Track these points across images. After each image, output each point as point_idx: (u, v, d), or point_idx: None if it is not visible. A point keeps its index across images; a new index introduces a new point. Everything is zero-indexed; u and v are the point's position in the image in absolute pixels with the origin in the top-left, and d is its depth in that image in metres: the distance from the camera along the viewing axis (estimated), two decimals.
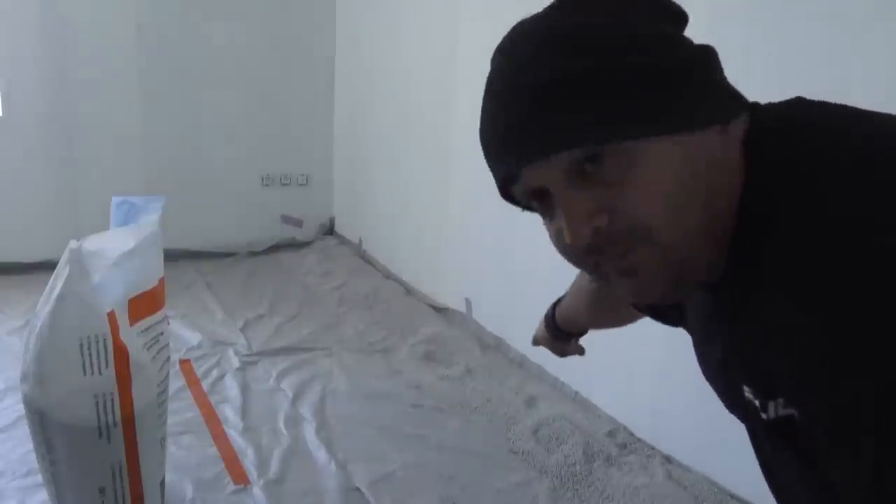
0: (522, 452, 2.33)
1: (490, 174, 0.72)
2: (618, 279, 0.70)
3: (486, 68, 0.70)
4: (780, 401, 0.64)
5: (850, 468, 0.56)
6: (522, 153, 0.66)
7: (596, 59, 0.64)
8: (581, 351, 1.28)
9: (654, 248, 0.66)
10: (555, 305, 1.23)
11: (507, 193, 0.72)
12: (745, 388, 0.69)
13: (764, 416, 0.66)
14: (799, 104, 0.69)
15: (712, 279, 0.70)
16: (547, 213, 0.70)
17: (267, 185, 4.46)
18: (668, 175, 0.64)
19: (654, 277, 0.68)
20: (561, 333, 1.24)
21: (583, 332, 1.25)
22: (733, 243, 0.67)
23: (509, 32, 0.69)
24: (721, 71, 0.69)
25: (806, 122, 0.66)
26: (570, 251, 0.69)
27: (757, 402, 0.67)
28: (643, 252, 0.66)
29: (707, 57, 0.68)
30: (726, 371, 0.74)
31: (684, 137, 0.64)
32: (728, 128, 0.67)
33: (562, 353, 1.29)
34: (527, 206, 0.72)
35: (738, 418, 0.79)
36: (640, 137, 0.63)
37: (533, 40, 0.67)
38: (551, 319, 1.24)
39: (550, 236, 0.71)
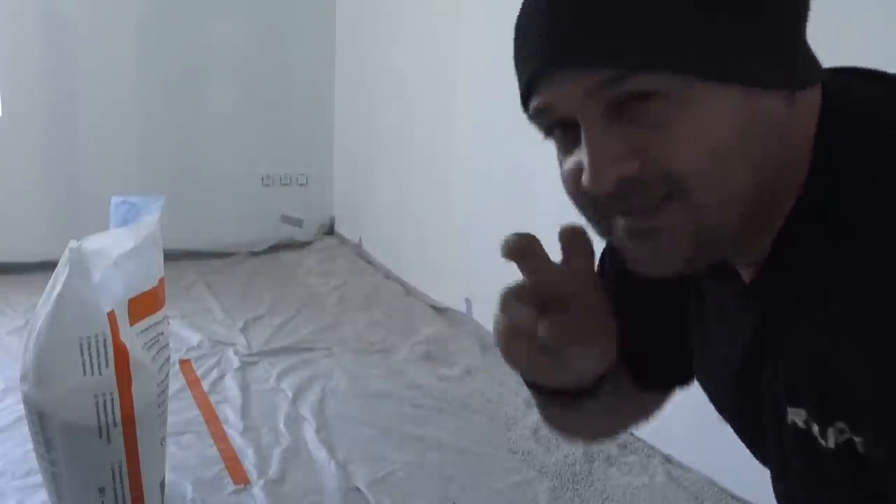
0: (522, 452, 2.33)
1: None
2: (633, 242, 0.59)
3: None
4: (841, 425, 0.56)
5: None
6: (557, 54, 0.54)
7: None
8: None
9: (685, 207, 0.55)
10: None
11: (529, 106, 0.59)
12: (792, 411, 0.60)
13: (823, 443, 0.57)
14: (879, 88, 0.59)
15: (734, 259, 0.62)
16: (567, 146, 0.59)
17: (267, 185, 4.45)
18: (722, 130, 0.53)
19: (678, 244, 0.57)
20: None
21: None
22: (785, 233, 0.58)
23: None
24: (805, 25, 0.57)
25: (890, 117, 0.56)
26: (585, 197, 0.57)
27: (814, 428, 0.58)
28: (672, 211, 0.56)
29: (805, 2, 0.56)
30: (760, 384, 0.64)
31: (753, 92, 0.54)
32: (796, 96, 0.56)
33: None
34: (547, 132, 0.60)
35: (751, 440, 0.70)
36: (700, 77, 0.52)
37: None
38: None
39: (562, 175, 0.60)
